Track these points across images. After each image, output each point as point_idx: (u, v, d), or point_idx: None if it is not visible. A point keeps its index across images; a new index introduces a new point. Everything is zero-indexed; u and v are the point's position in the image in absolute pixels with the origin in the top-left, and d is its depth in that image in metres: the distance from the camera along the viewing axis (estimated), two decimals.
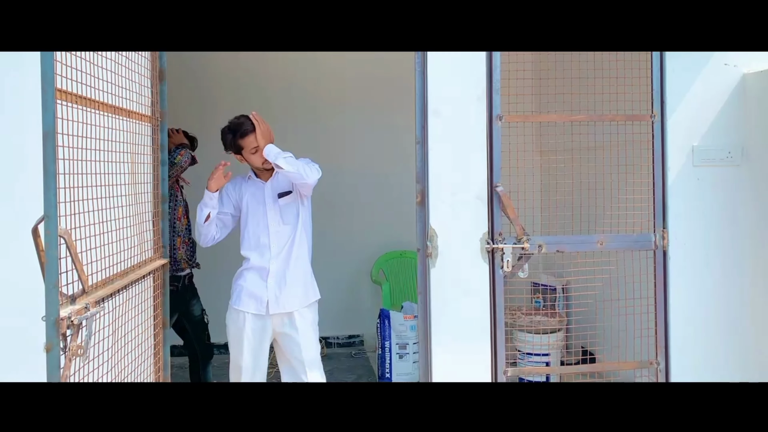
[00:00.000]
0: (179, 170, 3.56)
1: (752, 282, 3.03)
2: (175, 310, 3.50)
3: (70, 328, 1.71)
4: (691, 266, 3.02)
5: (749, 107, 3.02)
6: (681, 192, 3.01)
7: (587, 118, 3.01)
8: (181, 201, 3.69)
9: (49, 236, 1.65)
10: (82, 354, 1.75)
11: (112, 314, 2.13)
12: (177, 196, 3.65)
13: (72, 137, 1.88)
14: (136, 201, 2.50)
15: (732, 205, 3.04)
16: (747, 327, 3.03)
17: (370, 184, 5.34)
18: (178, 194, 3.65)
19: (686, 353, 3.01)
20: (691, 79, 3.02)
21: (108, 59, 2.19)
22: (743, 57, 3.04)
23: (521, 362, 3.68)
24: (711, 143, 3.03)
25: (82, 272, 1.90)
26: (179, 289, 3.66)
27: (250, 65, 5.19)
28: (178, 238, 3.64)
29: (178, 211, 3.64)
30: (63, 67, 1.81)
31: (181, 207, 3.67)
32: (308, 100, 5.32)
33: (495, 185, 2.89)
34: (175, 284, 3.63)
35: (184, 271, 3.70)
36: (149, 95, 2.71)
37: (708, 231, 3.03)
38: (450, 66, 2.89)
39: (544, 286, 4.12)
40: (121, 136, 2.33)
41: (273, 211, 3.03)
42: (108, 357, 2.13)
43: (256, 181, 3.10)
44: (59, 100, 1.75)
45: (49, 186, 1.65)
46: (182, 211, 3.67)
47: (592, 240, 2.97)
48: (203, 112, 4.84)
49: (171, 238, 3.51)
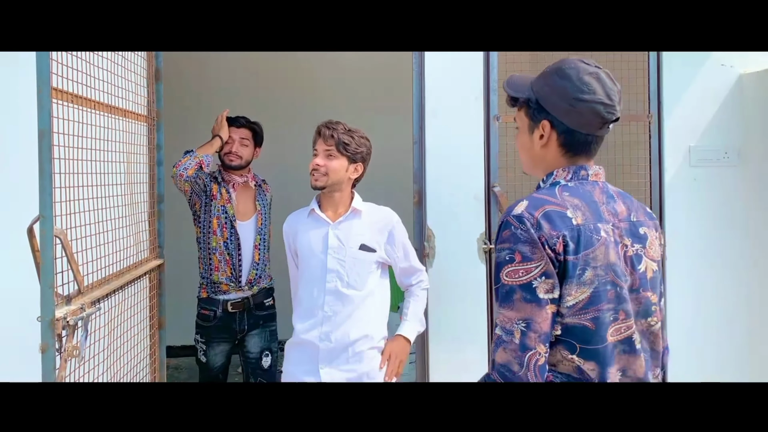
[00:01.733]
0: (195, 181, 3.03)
1: (749, 282, 3.03)
2: (216, 347, 3.11)
3: (65, 328, 1.70)
4: (687, 266, 3.02)
5: (746, 108, 3.03)
6: (678, 192, 3.02)
7: None
8: (217, 211, 3.10)
9: (45, 236, 1.64)
10: (77, 355, 1.74)
11: (107, 315, 2.12)
12: (210, 205, 3.10)
13: (67, 136, 1.87)
14: (131, 201, 2.49)
15: (728, 205, 3.04)
16: (744, 328, 3.04)
17: (367, 184, 5.33)
18: (213, 201, 3.10)
19: (683, 354, 3.00)
20: (688, 79, 3.03)
21: (104, 58, 2.18)
22: (740, 58, 3.04)
23: None
24: (708, 144, 3.03)
25: (77, 272, 1.89)
26: (218, 318, 3.10)
27: (248, 65, 5.18)
28: (214, 256, 3.09)
29: (212, 223, 3.08)
30: (59, 65, 1.80)
31: (216, 218, 3.08)
32: (306, 101, 5.31)
33: (492, 186, 2.89)
34: (211, 310, 3.10)
35: (225, 294, 3.09)
36: (145, 95, 2.70)
37: (704, 231, 3.03)
38: (447, 66, 2.89)
39: None
40: (117, 135, 2.32)
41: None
42: (104, 358, 2.11)
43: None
44: (55, 99, 1.73)
45: (45, 186, 1.64)
46: (217, 223, 3.08)
47: None
48: (200, 112, 4.82)
49: (207, 257, 3.10)
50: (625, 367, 1.37)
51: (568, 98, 1.40)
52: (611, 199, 1.43)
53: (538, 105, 1.45)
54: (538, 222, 1.31)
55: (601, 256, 1.33)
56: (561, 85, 1.41)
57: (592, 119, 1.40)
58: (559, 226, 1.31)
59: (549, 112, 1.43)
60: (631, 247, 1.40)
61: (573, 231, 1.32)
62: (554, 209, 1.34)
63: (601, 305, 1.32)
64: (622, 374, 1.37)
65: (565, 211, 1.34)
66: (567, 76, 1.41)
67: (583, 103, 1.39)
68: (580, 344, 1.31)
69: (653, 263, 1.44)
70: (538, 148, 1.47)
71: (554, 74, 1.44)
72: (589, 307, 1.31)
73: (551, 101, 1.43)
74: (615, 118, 1.43)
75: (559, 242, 1.30)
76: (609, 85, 1.43)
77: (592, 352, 1.31)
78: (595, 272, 1.32)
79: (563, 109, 1.41)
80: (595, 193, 1.42)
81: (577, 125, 1.42)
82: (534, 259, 1.29)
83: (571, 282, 1.30)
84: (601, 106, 1.40)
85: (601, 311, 1.32)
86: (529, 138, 1.49)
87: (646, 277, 1.41)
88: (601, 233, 1.35)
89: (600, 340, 1.31)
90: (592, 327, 1.31)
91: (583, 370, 1.33)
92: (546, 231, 1.30)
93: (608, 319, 1.33)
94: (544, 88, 1.45)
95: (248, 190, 3.23)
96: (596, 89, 1.40)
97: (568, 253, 1.30)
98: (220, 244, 3.08)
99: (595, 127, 1.42)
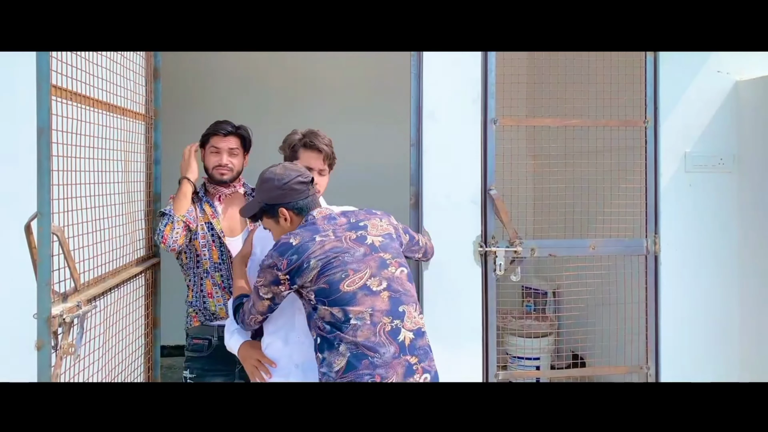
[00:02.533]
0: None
1: (743, 288, 3.05)
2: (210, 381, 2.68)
3: (61, 326, 1.70)
4: (682, 272, 3.03)
5: (741, 114, 3.04)
6: (673, 198, 3.03)
7: (581, 123, 3.03)
8: (201, 230, 2.70)
9: (42, 233, 1.64)
10: (73, 352, 1.74)
11: (103, 313, 2.12)
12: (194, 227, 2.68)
13: (65, 134, 1.87)
14: (128, 199, 2.49)
15: (724, 211, 3.06)
16: (737, 332, 3.05)
17: (364, 186, 5.34)
18: (196, 223, 2.69)
19: (676, 358, 3.02)
20: (684, 85, 3.04)
21: (104, 57, 2.18)
22: (736, 64, 3.06)
23: (511, 366, 3.68)
24: (703, 150, 3.05)
25: (74, 270, 1.89)
26: (213, 346, 2.70)
27: (247, 65, 5.18)
28: (206, 281, 2.71)
29: (196, 245, 2.71)
30: (58, 63, 1.80)
31: (201, 237, 2.70)
32: (304, 102, 5.32)
33: (488, 188, 2.89)
34: (205, 338, 2.72)
35: (223, 320, 2.66)
36: (144, 93, 2.70)
37: (699, 237, 3.05)
38: (445, 69, 2.90)
39: (535, 290, 4.13)
40: (115, 133, 2.32)
41: None
42: (99, 356, 2.11)
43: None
44: (54, 96, 1.73)
45: (43, 183, 1.64)
46: (203, 244, 2.70)
47: (585, 244, 2.99)
48: (198, 112, 4.82)
49: (197, 284, 2.72)
50: (372, 306, 1.98)
51: (279, 188, 2.11)
52: (332, 219, 2.12)
53: (268, 205, 2.15)
54: (291, 253, 2.02)
55: (332, 245, 2.03)
56: (270, 185, 2.13)
57: (301, 188, 2.13)
58: (284, 252, 2.03)
59: (278, 203, 2.13)
60: (355, 233, 2.09)
61: (293, 250, 2.02)
62: (283, 242, 2.07)
63: (331, 272, 1.99)
64: (372, 310, 1.98)
65: (288, 240, 2.05)
66: (268, 179, 2.14)
67: (289, 183, 2.11)
68: (324, 299, 1.99)
69: (378, 238, 2.12)
70: (288, 226, 2.14)
71: (262, 183, 2.16)
72: (319, 278, 1.99)
73: (272, 196, 2.13)
74: (310, 179, 2.18)
75: (284, 262, 2.01)
76: (291, 167, 2.18)
77: (332, 301, 1.98)
78: (319, 258, 2.00)
79: (282, 195, 2.12)
80: (318, 222, 2.11)
81: (296, 197, 2.13)
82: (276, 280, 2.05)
83: (299, 273, 2.00)
84: (299, 177, 2.14)
85: (331, 275, 1.99)
86: (279, 227, 2.17)
87: (375, 245, 2.09)
88: (317, 238, 2.04)
89: (334, 292, 1.98)
90: (326, 287, 1.99)
91: (333, 313, 1.97)
92: (286, 258, 2.01)
93: (338, 278, 1.99)
94: (263, 195, 2.15)
95: (236, 202, 2.77)
96: (289, 173, 2.14)
97: (291, 264, 2.01)
98: (209, 267, 2.69)
99: (306, 192, 2.15)
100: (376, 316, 1.98)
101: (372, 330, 1.96)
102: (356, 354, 1.94)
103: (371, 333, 1.95)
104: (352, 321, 1.96)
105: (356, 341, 1.94)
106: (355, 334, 1.95)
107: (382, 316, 1.99)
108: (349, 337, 1.95)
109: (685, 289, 3.04)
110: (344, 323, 1.96)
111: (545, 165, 3.23)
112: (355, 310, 1.97)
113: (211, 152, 2.72)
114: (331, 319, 1.98)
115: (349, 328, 1.95)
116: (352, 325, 1.95)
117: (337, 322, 1.97)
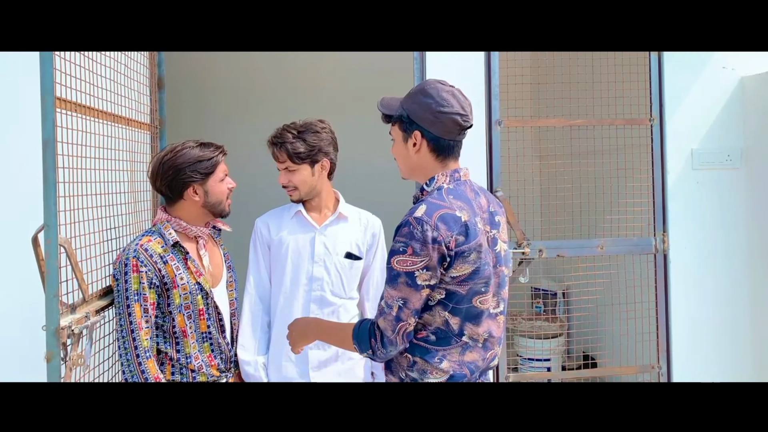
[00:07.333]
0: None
1: (752, 285, 3.02)
2: None
3: (70, 337, 1.70)
4: (692, 270, 3.02)
5: (748, 110, 3.02)
6: (681, 195, 3.01)
7: (586, 123, 3.01)
8: (185, 300, 2.11)
9: (50, 245, 1.64)
10: (82, 363, 1.74)
11: (112, 323, 2.12)
12: (170, 297, 2.09)
13: (71, 145, 1.88)
14: (135, 209, 2.50)
15: (732, 208, 3.04)
16: (748, 330, 3.03)
17: (368, 187, 5.33)
18: (172, 291, 2.09)
19: (687, 357, 3.00)
20: (689, 82, 3.03)
21: (107, 67, 2.19)
22: (741, 60, 3.04)
23: (522, 368, 3.67)
24: (710, 146, 3.03)
25: (82, 281, 1.89)
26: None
27: (251, 72, 5.19)
28: (205, 345, 2.18)
29: (179, 319, 2.11)
30: (62, 75, 1.80)
31: (185, 308, 2.13)
32: (305, 103, 5.32)
33: (495, 190, 2.88)
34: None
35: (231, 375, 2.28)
36: (148, 103, 2.71)
37: (708, 234, 3.03)
38: (448, 70, 2.89)
39: (544, 291, 4.11)
40: (121, 144, 2.33)
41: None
42: (108, 366, 2.12)
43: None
44: (58, 108, 1.74)
45: (49, 194, 1.65)
46: (187, 315, 2.13)
47: (593, 244, 2.97)
48: (203, 119, 4.84)
49: (180, 361, 2.12)
50: (488, 330, 1.75)
51: (432, 111, 1.73)
52: (477, 195, 1.79)
53: (409, 119, 1.78)
54: (436, 224, 1.63)
55: (483, 242, 1.70)
56: (425, 101, 1.75)
57: (453, 127, 1.75)
58: (452, 227, 1.64)
59: (418, 124, 1.76)
60: (490, 232, 1.76)
61: (462, 227, 1.66)
62: (447, 212, 1.66)
63: (477, 280, 1.69)
64: (488, 335, 1.75)
65: (454, 212, 1.67)
66: (429, 95, 1.75)
67: (445, 114, 1.73)
68: (452, 304, 1.69)
69: (504, 244, 1.83)
70: (413, 154, 1.79)
71: (419, 94, 1.77)
72: (468, 280, 1.68)
73: (419, 115, 1.76)
74: (469, 125, 1.79)
75: (452, 239, 1.63)
76: (462, 99, 1.77)
77: (457, 310, 1.70)
78: (479, 255, 1.68)
79: (429, 121, 1.74)
80: (467, 192, 1.76)
81: (441, 133, 1.75)
82: (421, 255, 1.63)
83: (459, 261, 1.65)
84: (458, 116, 1.74)
85: (475, 283, 1.69)
86: (404, 147, 1.81)
87: (501, 255, 1.80)
88: (479, 225, 1.70)
89: (466, 302, 1.69)
90: (464, 293, 1.68)
91: (449, 323, 1.70)
92: (442, 231, 1.63)
93: (478, 290, 1.70)
94: (412, 105, 1.77)
95: (211, 239, 2.32)
96: (453, 103, 1.74)
97: (459, 245, 1.64)
98: (200, 334, 2.16)
99: (455, 134, 1.77)
100: (490, 341, 1.77)
101: (481, 355, 1.75)
102: (459, 375, 1.71)
103: (479, 357, 1.75)
104: (464, 339, 1.72)
105: (463, 361, 1.72)
106: (463, 353, 1.72)
107: (495, 344, 1.79)
108: (455, 355, 1.71)
109: (695, 287, 3.01)
110: (454, 337, 1.71)
111: (551, 165, 3.22)
112: (474, 330, 1.73)
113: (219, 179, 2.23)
114: (443, 327, 1.71)
115: (458, 344, 1.72)
116: (463, 342, 1.72)
117: (449, 332, 1.71)
